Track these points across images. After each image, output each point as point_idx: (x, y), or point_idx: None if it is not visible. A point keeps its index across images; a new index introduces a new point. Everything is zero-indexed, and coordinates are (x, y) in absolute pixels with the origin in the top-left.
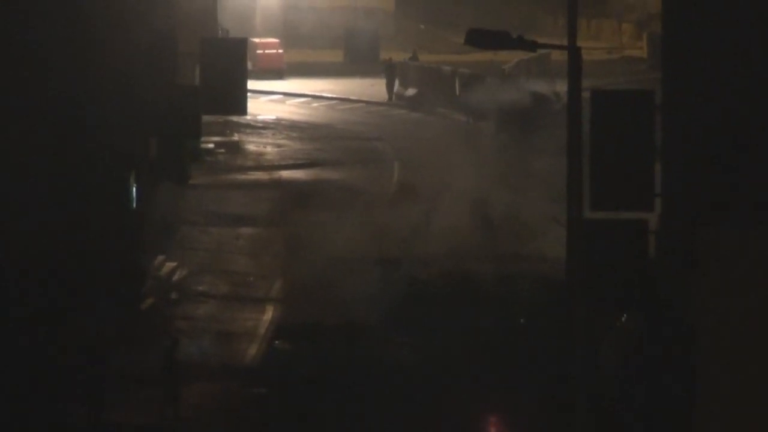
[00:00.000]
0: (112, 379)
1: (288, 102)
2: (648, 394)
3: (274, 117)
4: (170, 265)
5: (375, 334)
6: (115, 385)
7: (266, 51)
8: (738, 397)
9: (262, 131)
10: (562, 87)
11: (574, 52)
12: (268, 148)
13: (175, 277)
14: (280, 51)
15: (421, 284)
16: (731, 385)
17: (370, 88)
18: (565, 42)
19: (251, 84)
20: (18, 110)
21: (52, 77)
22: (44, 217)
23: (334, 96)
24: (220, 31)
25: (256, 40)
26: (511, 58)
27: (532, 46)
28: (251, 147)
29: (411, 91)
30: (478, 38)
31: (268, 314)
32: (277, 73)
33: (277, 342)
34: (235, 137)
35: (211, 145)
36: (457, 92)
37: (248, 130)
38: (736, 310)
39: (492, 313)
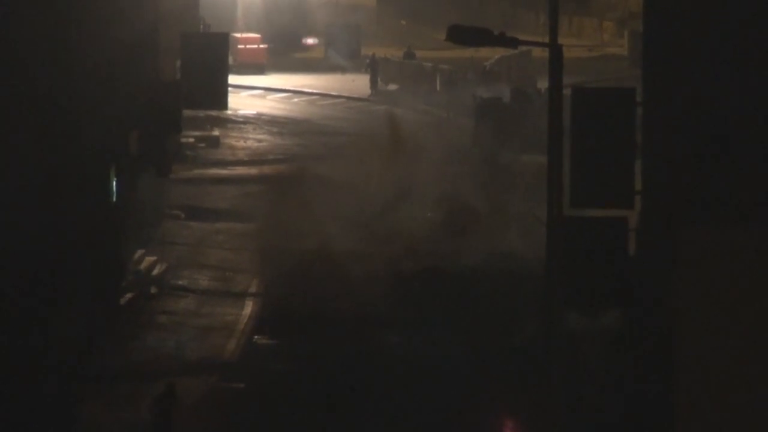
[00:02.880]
0: (93, 374)
1: (269, 97)
2: (628, 391)
3: (254, 112)
4: (150, 259)
5: (355, 328)
6: (94, 381)
7: (247, 46)
8: (718, 394)
9: (243, 126)
10: (542, 84)
11: (555, 50)
12: (249, 143)
13: (155, 272)
14: (262, 46)
15: (401, 278)
16: (711, 383)
17: (351, 83)
18: (546, 39)
19: (232, 79)
20: None
21: (33, 72)
22: (24, 211)
23: (315, 91)
24: (201, 26)
25: (238, 35)
26: (492, 54)
27: (514, 43)
28: (232, 142)
29: (392, 87)
30: (460, 35)
31: (248, 309)
32: (258, 69)
33: (256, 337)
34: (216, 132)
35: (191, 140)
36: (438, 88)
37: (229, 125)
38: (716, 307)
39: (468, 309)
